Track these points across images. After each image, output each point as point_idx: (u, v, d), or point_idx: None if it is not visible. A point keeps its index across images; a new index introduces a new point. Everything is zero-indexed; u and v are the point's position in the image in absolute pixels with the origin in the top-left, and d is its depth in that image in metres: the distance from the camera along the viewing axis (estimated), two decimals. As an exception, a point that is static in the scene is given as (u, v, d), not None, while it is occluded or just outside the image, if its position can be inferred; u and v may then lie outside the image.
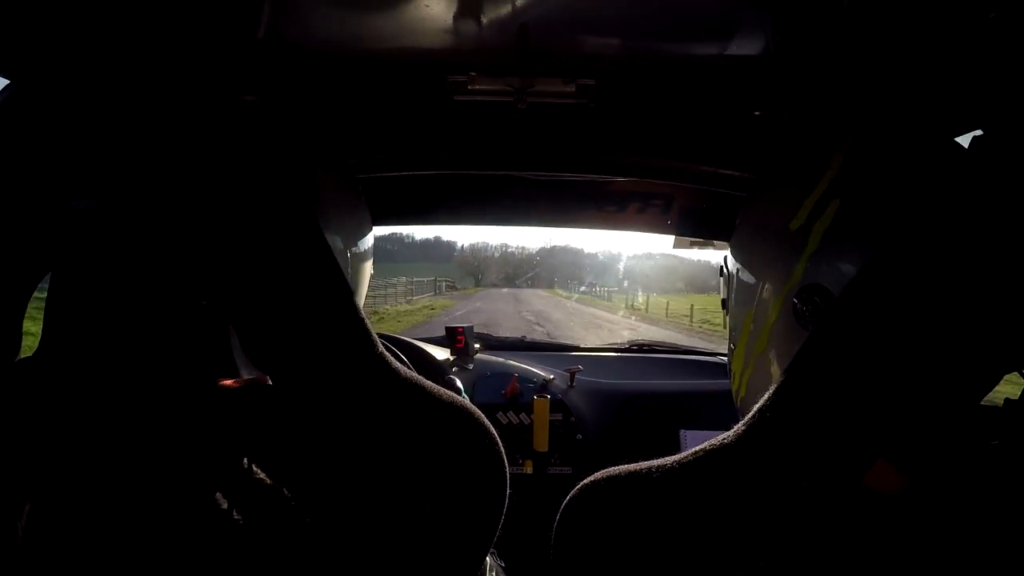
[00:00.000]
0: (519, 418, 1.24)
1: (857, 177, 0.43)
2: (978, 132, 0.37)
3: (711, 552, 0.35)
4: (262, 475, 0.42)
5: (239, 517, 0.40)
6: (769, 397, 0.37)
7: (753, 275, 0.51)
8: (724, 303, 0.59)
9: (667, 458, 0.40)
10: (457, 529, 0.43)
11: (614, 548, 0.39)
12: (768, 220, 0.50)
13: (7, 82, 0.50)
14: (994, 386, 0.35)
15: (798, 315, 0.44)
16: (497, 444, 0.46)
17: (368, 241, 0.61)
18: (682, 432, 1.12)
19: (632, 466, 0.41)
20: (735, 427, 0.39)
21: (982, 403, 0.36)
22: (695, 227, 1.21)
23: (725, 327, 0.58)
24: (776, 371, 0.47)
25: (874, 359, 0.33)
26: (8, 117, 0.48)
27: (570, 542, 0.42)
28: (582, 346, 1.78)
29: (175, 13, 0.48)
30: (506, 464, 0.46)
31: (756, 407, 0.38)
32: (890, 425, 0.33)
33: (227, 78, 0.63)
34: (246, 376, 0.46)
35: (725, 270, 0.59)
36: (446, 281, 41.22)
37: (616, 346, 1.76)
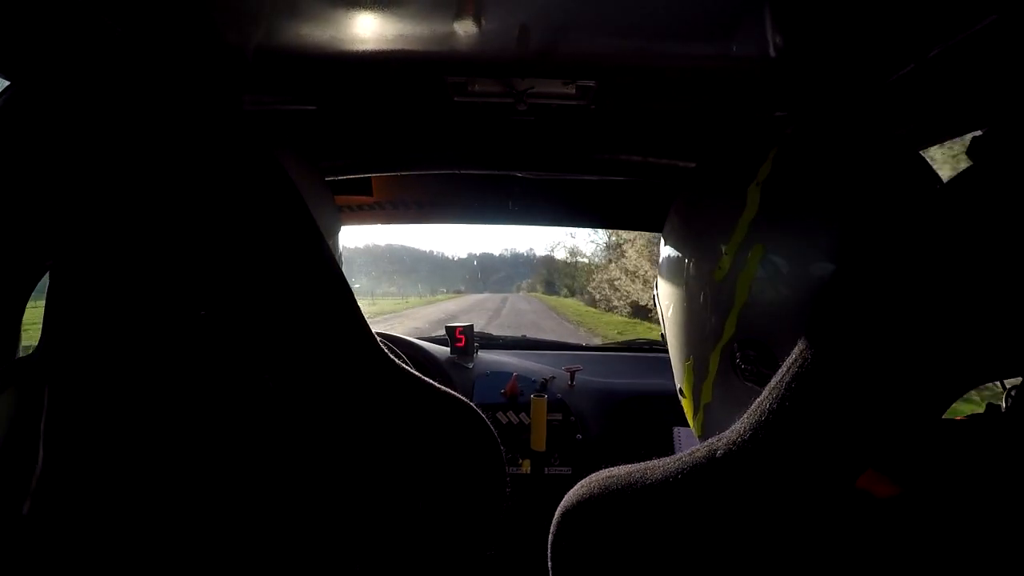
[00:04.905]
0: (519, 418, 1.23)
1: (779, 214, 0.38)
2: (977, 132, 0.36)
3: (712, 560, 0.35)
4: (258, 472, 0.43)
5: (237, 514, 0.40)
6: (757, 411, 0.37)
7: (684, 321, 0.46)
8: (663, 337, 0.54)
9: (661, 461, 0.40)
10: (455, 525, 0.43)
11: (613, 558, 0.39)
12: (689, 267, 0.45)
13: (7, 83, 0.50)
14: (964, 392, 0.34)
15: (737, 370, 0.41)
16: (496, 442, 0.46)
17: (338, 238, 0.65)
18: (675, 429, 1.10)
19: (626, 471, 0.41)
20: (728, 431, 0.39)
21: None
22: None
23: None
24: (728, 417, 0.45)
25: (858, 377, 0.33)
26: (8, 117, 0.48)
27: (567, 554, 0.41)
28: (584, 344, 1.78)
29: (177, 14, 0.49)
30: (504, 462, 0.46)
31: (746, 416, 0.37)
32: (879, 436, 0.33)
33: (227, 80, 0.64)
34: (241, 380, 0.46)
35: (658, 305, 0.54)
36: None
37: (618, 344, 1.76)
